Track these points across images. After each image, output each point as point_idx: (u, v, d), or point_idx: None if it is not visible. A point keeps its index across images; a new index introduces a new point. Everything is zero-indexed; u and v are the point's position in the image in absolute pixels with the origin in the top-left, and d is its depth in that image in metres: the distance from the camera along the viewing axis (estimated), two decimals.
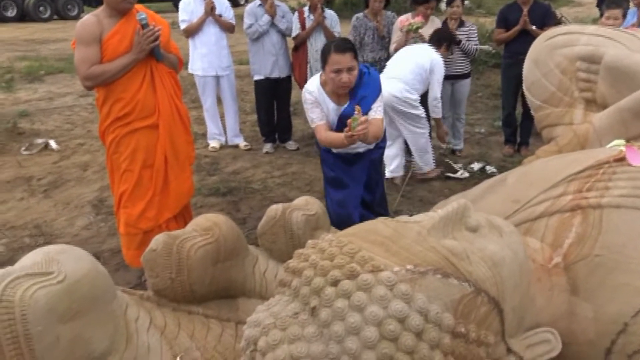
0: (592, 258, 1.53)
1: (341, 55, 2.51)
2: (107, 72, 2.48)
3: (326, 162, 3.02)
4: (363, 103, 2.64)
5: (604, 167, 1.78)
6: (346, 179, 2.97)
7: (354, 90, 2.67)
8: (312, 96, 2.74)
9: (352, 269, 1.22)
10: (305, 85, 2.84)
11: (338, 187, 3.02)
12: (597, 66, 2.43)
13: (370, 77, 2.73)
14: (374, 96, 2.70)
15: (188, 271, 1.73)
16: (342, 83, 2.57)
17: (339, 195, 3.00)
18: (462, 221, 1.41)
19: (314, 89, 2.74)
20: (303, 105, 2.85)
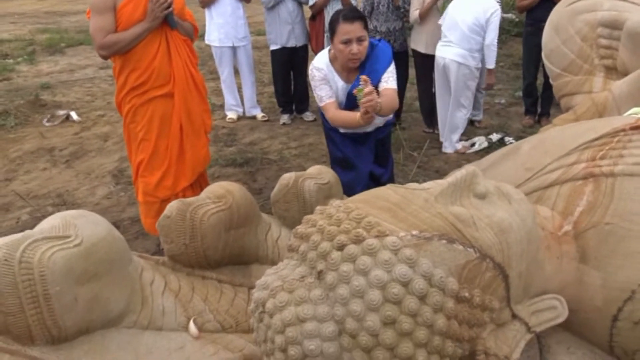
0: (602, 226, 1.52)
1: (350, 25, 2.39)
2: (122, 40, 2.50)
3: (333, 141, 2.94)
4: (372, 77, 2.52)
5: (620, 135, 1.74)
6: (354, 159, 2.90)
7: (363, 64, 2.55)
8: (320, 73, 2.60)
9: (358, 234, 1.24)
10: (312, 62, 2.71)
11: (346, 168, 2.95)
12: (618, 32, 2.36)
13: (380, 49, 2.60)
14: (385, 67, 2.58)
15: (201, 237, 1.76)
16: (352, 55, 2.44)
17: (347, 177, 2.89)
18: (470, 188, 1.41)
19: (323, 66, 2.61)
20: (311, 82, 2.71)
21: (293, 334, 1.20)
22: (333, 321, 1.19)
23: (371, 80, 2.49)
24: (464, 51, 4.00)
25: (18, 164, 4.39)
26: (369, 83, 2.37)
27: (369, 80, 2.39)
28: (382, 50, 2.60)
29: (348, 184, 2.91)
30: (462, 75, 4.18)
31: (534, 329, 1.39)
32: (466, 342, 1.26)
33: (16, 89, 6.61)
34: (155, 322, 1.60)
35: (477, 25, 3.92)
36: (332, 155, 3.08)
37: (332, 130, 2.92)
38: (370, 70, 2.55)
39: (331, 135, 2.97)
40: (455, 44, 4.02)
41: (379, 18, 4.68)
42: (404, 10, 4.60)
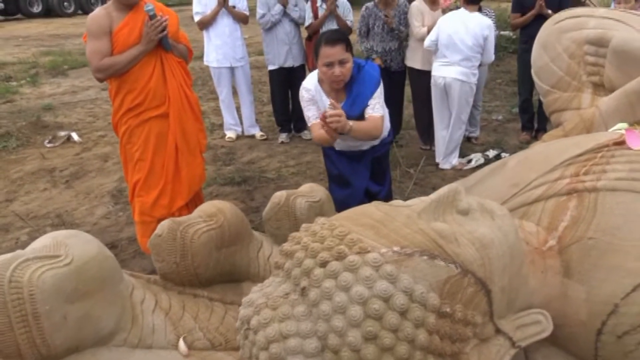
0: (585, 241, 1.53)
1: (331, 48, 2.42)
2: (118, 63, 2.55)
3: (330, 159, 2.98)
4: (359, 100, 2.56)
5: (603, 151, 1.77)
6: (349, 176, 2.94)
7: (349, 86, 2.57)
8: (308, 94, 2.65)
9: (340, 250, 1.26)
10: (302, 82, 2.75)
11: (341, 185, 2.99)
12: (604, 50, 2.40)
13: (366, 72, 2.61)
14: (371, 91, 2.58)
15: (192, 256, 1.79)
16: (335, 77, 2.46)
17: (342, 193, 2.96)
18: (453, 205, 1.44)
19: (311, 87, 2.65)
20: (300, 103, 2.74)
21: (277, 350, 1.22)
22: (316, 337, 1.21)
23: (358, 104, 2.55)
24: (466, 69, 4.06)
25: (19, 185, 4.44)
26: (338, 107, 2.43)
27: (338, 105, 2.46)
28: (369, 73, 2.61)
29: (343, 200, 2.94)
30: (465, 93, 4.22)
31: (518, 343, 1.40)
32: (449, 357, 1.27)
33: (19, 111, 6.70)
34: (145, 340, 1.62)
35: (477, 45, 4.00)
36: (328, 172, 3.12)
37: (329, 148, 2.95)
38: (357, 93, 2.57)
39: (328, 152, 3.01)
40: (457, 64, 4.07)
41: (375, 38, 4.74)
42: (398, 32, 4.65)
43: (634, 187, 1.58)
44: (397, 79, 4.89)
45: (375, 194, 3.19)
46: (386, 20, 4.53)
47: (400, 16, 4.65)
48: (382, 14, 4.56)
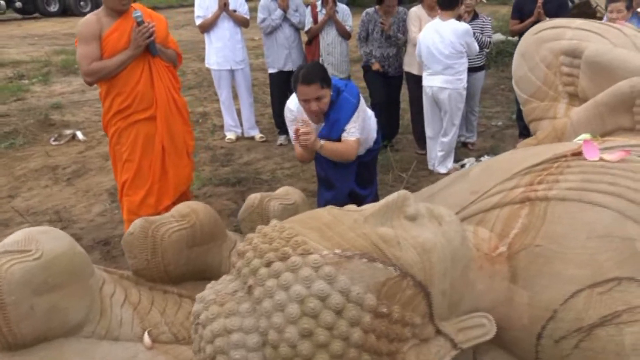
0: (532, 248, 1.59)
1: (306, 87, 2.52)
2: (107, 67, 2.66)
3: (319, 162, 3.08)
4: (336, 126, 2.67)
5: (560, 161, 1.82)
6: (334, 179, 3.04)
7: (327, 112, 2.67)
8: (291, 115, 2.81)
9: (284, 252, 1.33)
10: (287, 102, 2.89)
11: (327, 188, 3.11)
12: (579, 60, 2.45)
13: (344, 97, 2.69)
14: (347, 118, 2.68)
15: (162, 253, 1.87)
16: (312, 112, 2.60)
17: (327, 195, 3.08)
18: (401, 210, 1.50)
19: (294, 108, 2.80)
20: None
21: (221, 343, 1.30)
22: (257, 333, 1.29)
23: (336, 129, 2.67)
24: (450, 77, 4.10)
25: (22, 181, 4.57)
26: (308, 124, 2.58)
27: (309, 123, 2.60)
28: (346, 99, 2.69)
29: (328, 202, 3.03)
30: (453, 99, 4.27)
31: (460, 345, 1.46)
32: (385, 355, 1.33)
33: (28, 109, 6.87)
34: (112, 332, 1.71)
35: (455, 52, 4.03)
36: (317, 174, 3.24)
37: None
38: (334, 119, 2.68)
39: (318, 156, 3.08)
40: (440, 73, 4.12)
41: (374, 43, 4.81)
42: (395, 39, 4.71)
43: (583, 197, 1.63)
44: (394, 84, 4.96)
45: (362, 197, 3.27)
46: (383, 27, 4.59)
47: (398, 23, 4.71)
48: (380, 20, 4.63)
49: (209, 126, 6.08)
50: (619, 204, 1.59)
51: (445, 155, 4.44)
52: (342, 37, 5.10)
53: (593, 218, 1.57)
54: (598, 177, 1.69)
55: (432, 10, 4.59)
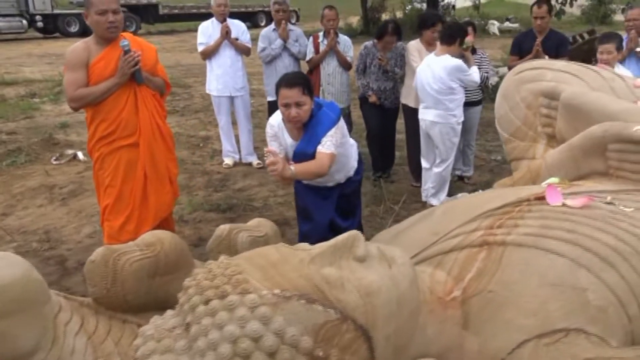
0: (485, 293, 1.57)
1: (289, 90, 2.53)
2: (92, 94, 2.71)
3: (297, 192, 3.08)
4: (313, 138, 2.64)
5: (523, 205, 1.81)
6: (313, 210, 3.01)
7: (306, 125, 2.66)
8: (272, 130, 2.80)
9: (224, 290, 1.33)
10: (269, 118, 2.91)
11: (305, 219, 3.08)
12: (557, 102, 2.45)
13: (324, 113, 2.69)
14: (324, 130, 2.65)
15: (122, 282, 1.87)
16: (291, 117, 2.57)
17: (305, 227, 3.06)
18: (351, 251, 1.50)
19: (275, 124, 2.80)
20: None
21: None
22: None
23: (313, 142, 2.64)
24: (441, 112, 4.10)
25: (18, 200, 4.63)
26: (274, 154, 2.53)
27: (275, 152, 2.58)
28: (326, 114, 2.69)
29: (306, 233, 3.03)
30: (446, 134, 4.25)
31: None
32: None
33: (35, 127, 7.00)
34: None
35: (445, 87, 4.02)
36: (296, 205, 3.21)
37: (297, 182, 3.05)
38: (312, 132, 2.66)
39: (296, 186, 3.11)
40: (432, 107, 4.13)
41: (371, 77, 4.83)
42: (392, 74, 4.74)
43: (538, 244, 1.61)
44: (390, 115, 4.97)
45: (344, 229, 3.25)
46: (380, 62, 4.63)
47: (396, 58, 4.74)
48: (378, 55, 4.67)
49: (209, 150, 6.13)
50: (574, 251, 1.57)
51: (437, 187, 4.42)
52: (343, 67, 5.16)
53: (546, 265, 1.55)
54: (557, 223, 1.68)
55: (429, 46, 4.63)
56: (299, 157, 2.70)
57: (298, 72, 2.89)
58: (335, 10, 5.01)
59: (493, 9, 27.24)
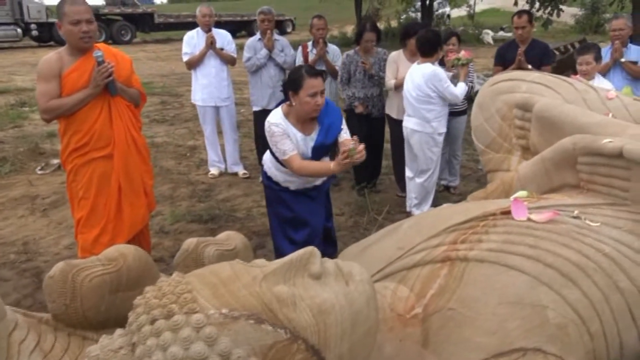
0: (445, 311, 1.54)
1: (314, 79, 2.62)
2: (64, 105, 2.68)
3: (283, 202, 3.01)
4: (332, 129, 2.77)
5: (488, 219, 1.79)
6: (307, 217, 2.99)
7: (320, 118, 2.76)
8: (279, 128, 2.74)
9: (170, 309, 1.30)
10: (267, 120, 2.82)
11: (298, 227, 3.02)
12: (530, 114, 2.43)
13: (330, 104, 2.85)
14: (340, 120, 2.83)
15: (81, 299, 1.83)
16: (317, 106, 2.65)
17: (301, 236, 2.99)
18: (306, 268, 1.46)
19: (280, 121, 2.75)
20: (269, 140, 2.82)
21: None
22: None
23: (331, 132, 2.76)
24: (421, 120, 4.08)
25: None
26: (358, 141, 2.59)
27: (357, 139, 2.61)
28: (332, 106, 2.86)
29: (305, 243, 2.91)
30: (425, 143, 4.20)
31: None
32: None
33: (23, 136, 6.96)
34: None
35: (423, 95, 3.99)
36: (280, 217, 3.10)
37: (283, 191, 3.00)
38: (329, 123, 2.77)
39: (282, 196, 3.03)
40: (412, 115, 4.12)
41: (357, 85, 4.81)
42: (378, 78, 4.73)
43: (500, 260, 1.58)
44: (377, 126, 4.94)
45: (330, 229, 3.24)
46: (364, 66, 4.62)
47: (379, 63, 4.74)
48: (361, 60, 4.65)
49: (195, 160, 6.10)
50: (535, 268, 1.55)
51: (420, 198, 4.39)
52: (332, 76, 5.14)
53: (507, 282, 1.52)
54: (520, 238, 1.65)
55: (413, 56, 4.61)
56: (318, 150, 2.76)
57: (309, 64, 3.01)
58: (324, 20, 5.00)
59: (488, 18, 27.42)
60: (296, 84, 2.66)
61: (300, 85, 2.64)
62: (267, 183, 3.06)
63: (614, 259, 1.63)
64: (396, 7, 23.34)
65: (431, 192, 4.47)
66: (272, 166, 2.96)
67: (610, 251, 1.64)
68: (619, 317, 1.56)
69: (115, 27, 21.39)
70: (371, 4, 21.53)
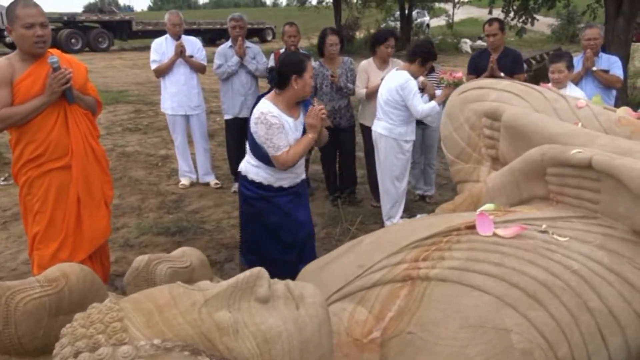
0: (404, 335, 1.44)
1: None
2: (17, 114, 2.53)
3: (277, 210, 2.89)
4: (306, 106, 2.86)
5: (452, 235, 1.69)
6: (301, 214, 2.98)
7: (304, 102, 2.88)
8: (276, 119, 2.67)
9: (97, 340, 1.17)
10: (259, 112, 2.71)
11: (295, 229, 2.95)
12: (499, 123, 2.36)
13: None
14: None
15: (16, 324, 1.69)
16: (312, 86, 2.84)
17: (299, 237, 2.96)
18: (252, 290, 1.35)
19: (274, 110, 2.69)
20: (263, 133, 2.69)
21: None
22: None
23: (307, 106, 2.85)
24: (387, 124, 4.00)
25: None
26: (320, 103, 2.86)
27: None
28: None
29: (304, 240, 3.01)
30: (391, 148, 4.10)
31: None
32: None
33: None
34: None
35: (392, 100, 3.91)
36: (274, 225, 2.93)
37: (277, 196, 2.89)
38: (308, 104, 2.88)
39: (276, 202, 2.90)
40: (381, 118, 4.05)
41: (324, 98, 4.66)
42: (346, 90, 4.62)
43: (463, 279, 1.49)
44: (347, 136, 4.83)
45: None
46: (332, 80, 4.51)
47: (346, 73, 4.63)
48: (328, 73, 4.55)
49: (167, 170, 5.94)
50: (499, 288, 1.45)
51: (389, 206, 4.28)
52: None
53: (469, 304, 1.42)
54: (484, 255, 1.56)
55: (383, 63, 4.54)
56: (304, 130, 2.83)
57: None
58: (295, 27, 4.90)
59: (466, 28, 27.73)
60: (301, 67, 2.71)
61: (305, 68, 2.72)
62: (255, 193, 2.89)
63: (583, 277, 1.55)
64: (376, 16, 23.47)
65: (400, 201, 4.36)
66: (261, 170, 2.86)
67: (579, 268, 1.56)
68: (589, 339, 1.47)
69: (92, 35, 21.09)
70: (350, 13, 21.58)
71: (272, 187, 2.87)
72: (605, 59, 4.54)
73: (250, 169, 2.90)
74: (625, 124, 2.13)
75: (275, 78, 2.76)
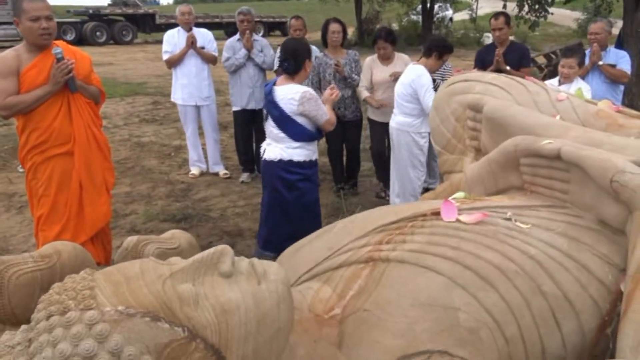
0: (361, 312, 1.52)
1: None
2: (23, 102, 2.68)
3: (316, 185, 3.41)
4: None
5: (417, 220, 1.76)
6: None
7: None
8: (311, 92, 3.13)
9: (67, 305, 1.28)
10: (301, 92, 3.08)
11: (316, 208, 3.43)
12: (481, 115, 2.40)
13: None
14: None
15: (9, 296, 1.82)
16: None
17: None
18: (216, 266, 1.45)
19: (310, 88, 3.22)
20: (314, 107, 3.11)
21: None
22: None
23: None
24: (402, 118, 4.06)
25: None
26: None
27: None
28: None
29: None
30: (405, 144, 4.18)
31: None
32: None
33: (10, 134, 6.98)
34: None
35: (407, 94, 3.97)
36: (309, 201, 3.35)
37: (314, 172, 3.35)
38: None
39: (314, 179, 3.37)
40: (397, 113, 4.12)
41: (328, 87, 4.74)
42: (350, 80, 4.67)
43: (420, 261, 1.56)
44: (351, 128, 4.89)
45: None
46: (337, 69, 4.57)
47: (351, 64, 4.69)
48: (332, 62, 4.61)
49: (179, 160, 6.10)
50: (453, 269, 1.52)
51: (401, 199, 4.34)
52: None
53: (422, 284, 1.50)
54: (443, 239, 1.63)
55: (385, 60, 4.59)
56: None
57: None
58: (302, 21, 4.98)
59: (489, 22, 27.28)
60: (310, 52, 3.22)
61: (311, 52, 3.24)
62: (300, 175, 3.21)
63: (540, 262, 1.60)
64: (397, 10, 23.32)
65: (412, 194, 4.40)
66: (303, 149, 3.18)
67: (536, 254, 1.61)
68: (541, 322, 1.53)
69: (116, 28, 21.48)
70: (371, 6, 21.51)
71: (312, 162, 3.25)
72: (613, 54, 4.52)
73: (294, 153, 3.17)
74: (602, 116, 2.16)
75: (293, 65, 3.09)
